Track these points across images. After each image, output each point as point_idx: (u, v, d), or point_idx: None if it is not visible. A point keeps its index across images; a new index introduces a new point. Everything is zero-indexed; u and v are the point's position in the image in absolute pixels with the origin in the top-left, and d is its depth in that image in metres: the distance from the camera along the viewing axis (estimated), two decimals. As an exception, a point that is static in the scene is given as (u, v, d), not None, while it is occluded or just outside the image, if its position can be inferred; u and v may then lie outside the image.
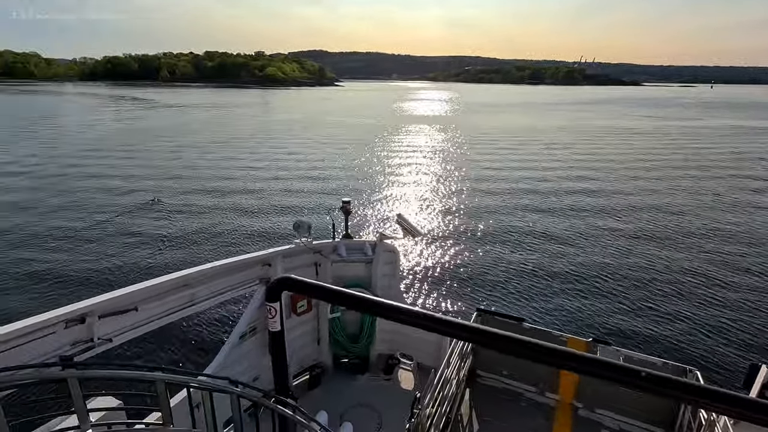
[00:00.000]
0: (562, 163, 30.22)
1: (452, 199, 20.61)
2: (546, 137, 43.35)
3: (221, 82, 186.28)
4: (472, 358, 5.98)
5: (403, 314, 2.75)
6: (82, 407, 2.67)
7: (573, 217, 18.11)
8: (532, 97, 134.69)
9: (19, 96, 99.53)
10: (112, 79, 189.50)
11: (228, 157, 31.02)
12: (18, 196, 20.44)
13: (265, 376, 5.21)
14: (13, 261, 13.09)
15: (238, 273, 5.00)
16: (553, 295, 11.66)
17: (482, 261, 13.60)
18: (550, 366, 2.46)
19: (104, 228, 16.09)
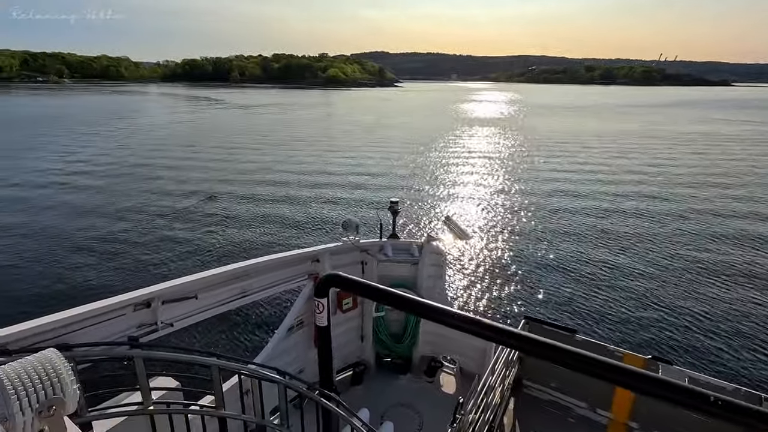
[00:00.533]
0: (630, 170, 27.67)
1: (505, 203, 19.99)
2: (615, 142, 40.23)
3: (286, 83, 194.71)
4: (518, 367, 5.83)
5: (447, 317, 2.70)
6: (145, 385, 2.88)
7: (638, 228, 16.78)
8: (602, 99, 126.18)
9: (111, 96, 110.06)
10: (190, 81, 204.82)
11: (283, 155, 31.73)
12: (99, 183, 22.48)
13: (310, 369, 5.33)
14: (92, 245, 14.37)
15: (288, 267, 5.14)
16: (610, 308, 10.99)
17: (533, 269, 13.13)
18: (605, 381, 2.26)
19: (169, 219, 17.09)
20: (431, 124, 55.37)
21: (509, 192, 22.20)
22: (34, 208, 18.21)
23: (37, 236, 14.94)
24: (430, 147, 36.72)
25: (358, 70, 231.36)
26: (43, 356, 1.48)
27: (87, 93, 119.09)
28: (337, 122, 56.14)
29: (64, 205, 18.76)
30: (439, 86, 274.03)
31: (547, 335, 4.84)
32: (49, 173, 24.66)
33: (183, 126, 49.28)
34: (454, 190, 22.24)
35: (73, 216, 17.27)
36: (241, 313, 9.68)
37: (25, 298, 10.72)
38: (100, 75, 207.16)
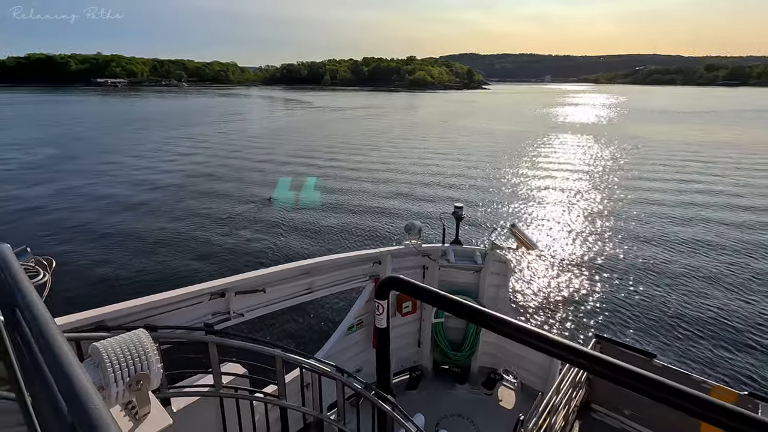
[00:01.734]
0: (747, 189, 22.90)
1: (581, 216, 18.42)
2: (739, 155, 33.77)
3: (374, 85, 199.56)
4: (586, 389, 5.51)
5: (509, 328, 2.60)
6: (217, 369, 3.08)
7: (744, 254, 14.36)
8: (731, 103, 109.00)
9: (216, 98, 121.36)
10: (287, 84, 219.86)
11: (351, 158, 31.92)
12: (189, 180, 24.05)
13: (367, 369, 5.44)
14: (178, 237, 15.49)
15: (350, 268, 5.23)
16: (700, 334, 9.88)
17: (608, 286, 12.15)
18: (691, 416, 2.00)
19: (244, 216, 17.82)
20: (510, 128, 52.09)
21: (587, 204, 20.38)
22: (134, 203, 19.85)
23: (134, 228, 16.33)
24: (503, 152, 34.82)
25: (445, 72, 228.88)
26: (134, 335, 1.63)
27: (198, 95, 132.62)
28: (406, 124, 55.43)
29: (155, 200, 20.21)
30: (529, 88, 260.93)
31: (621, 357, 4.43)
32: (151, 171, 26.78)
33: (263, 128, 51.53)
34: (523, 199, 21.02)
35: (163, 211, 18.57)
36: (305, 309, 9.91)
37: (122, 281, 11.86)
38: (211, 79, 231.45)
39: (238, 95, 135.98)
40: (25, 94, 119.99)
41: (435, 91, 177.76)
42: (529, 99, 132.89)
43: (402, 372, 6.33)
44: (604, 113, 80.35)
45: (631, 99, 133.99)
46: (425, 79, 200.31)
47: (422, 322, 6.29)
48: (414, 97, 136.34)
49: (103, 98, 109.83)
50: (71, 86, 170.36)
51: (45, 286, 10.85)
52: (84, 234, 15.52)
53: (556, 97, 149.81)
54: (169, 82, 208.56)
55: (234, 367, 3.53)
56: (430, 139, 42.15)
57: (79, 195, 20.95)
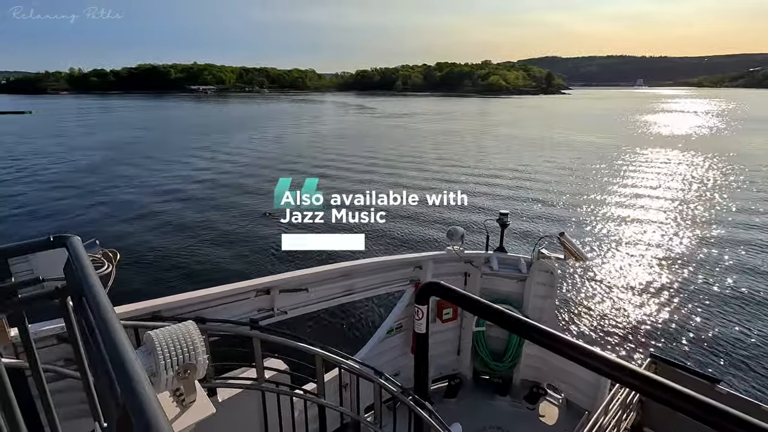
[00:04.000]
0: None
1: (639, 232, 17.33)
2: None
3: (445, 91, 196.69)
4: (638, 412, 5.26)
5: (555, 341, 2.53)
6: (260, 364, 3.18)
7: None
8: None
9: (289, 103, 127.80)
10: (360, 89, 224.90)
11: (400, 161, 32.25)
12: (242, 181, 25.26)
13: (405, 374, 5.30)
14: (228, 236, 16.29)
15: (391, 271, 5.22)
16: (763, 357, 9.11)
17: (667, 306, 11.43)
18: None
19: None
20: (577, 138, 47.53)
21: (646, 219, 19.22)
22: (192, 199, 21.31)
23: (191, 225, 17.38)
24: (550, 160, 33.55)
25: (522, 76, 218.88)
26: (183, 326, 1.69)
27: (274, 101, 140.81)
28: (463, 132, 53.43)
29: (211, 199, 21.48)
30: (617, 92, 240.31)
31: (679, 380, 4.61)
32: (212, 171, 28.41)
33: (319, 132, 52.41)
34: (575, 209, 20.16)
35: (216, 209, 19.75)
36: (345, 310, 9.91)
37: (178, 275, 12.53)
38: (290, 85, 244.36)
39: (311, 101, 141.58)
40: (134, 100, 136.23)
41: (509, 97, 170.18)
42: (614, 105, 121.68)
43: (440, 379, 6.18)
44: (702, 122, 70.00)
45: (745, 105, 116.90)
46: (498, 83, 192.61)
47: (462, 329, 6.14)
48: (484, 102, 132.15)
49: (194, 104, 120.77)
50: (170, 92, 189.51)
51: (109, 277, 13.91)
52: (148, 229, 16.69)
53: (647, 102, 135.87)
54: (252, 88, 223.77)
55: (276, 362, 3.59)
56: (472, 145, 41.68)
57: (148, 192, 22.67)
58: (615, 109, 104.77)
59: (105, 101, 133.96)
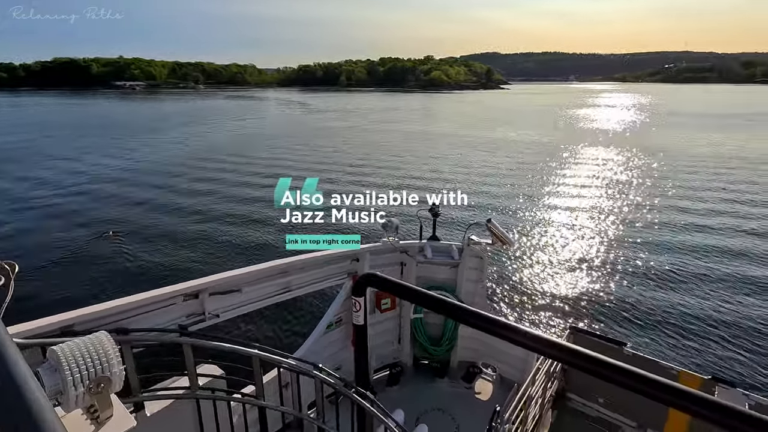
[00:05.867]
0: None
1: (557, 214, 18.97)
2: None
3: (389, 86, 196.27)
4: (561, 379, 5.75)
5: (486, 322, 2.68)
6: (192, 371, 3.02)
7: (708, 242, 15.54)
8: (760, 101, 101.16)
9: (228, 99, 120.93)
10: (303, 85, 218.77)
11: (330, 156, 32.17)
12: (161, 180, 24.16)
13: (347, 367, 5.30)
14: (150, 238, 15.21)
15: (328, 266, 5.21)
16: (668, 321, 10.50)
17: (580, 279, 12.72)
18: (656, 401, 2.17)
19: (218, 216, 17.90)
20: (502, 132, 48.60)
21: (565, 203, 21.04)
22: (104, 200, 20.07)
23: (102, 228, 16.09)
24: (474, 150, 35.72)
25: (463, 72, 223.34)
26: (95, 338, 1.59)
27: (212, 97, 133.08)
28: (393, 127, 53.33)
29: (125, 199, 20.22)
30: (551, 88, 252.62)
31: (594, 347, 4.90)
32: (121, 170, 26.85)
33: (250, 129, 49.96)
34: (500, 197, 21.53)
35: (132, 210, 18.58)
36: (283, 308, 9.66)
37: (91, 284, 11.57)
38: (228, 81, 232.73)
39: (250, 97, 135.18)
40: (49, 98, 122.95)
41: (452, 92, 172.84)
42: (548, 99, 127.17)
43: (382, 368, 6.31)
44: (624, 116, 74.76)
45: (661, 99, 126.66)
46: (441, 78, 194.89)
47: (401, 318, 6.27)
48: (425, 97, 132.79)
49: (117, 101, 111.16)
50: (92, 89, 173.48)
51: (7, 292, 12.16)
52: (55, 238, 15.27)
53: (578, 97, 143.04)
54: (187, 84, 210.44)
55: (211, 368, 3.45)
56: (408, 140, 42.25)
57: (54, 196, 21.01)
58: (550, 104, 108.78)
59: (13, 98, 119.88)
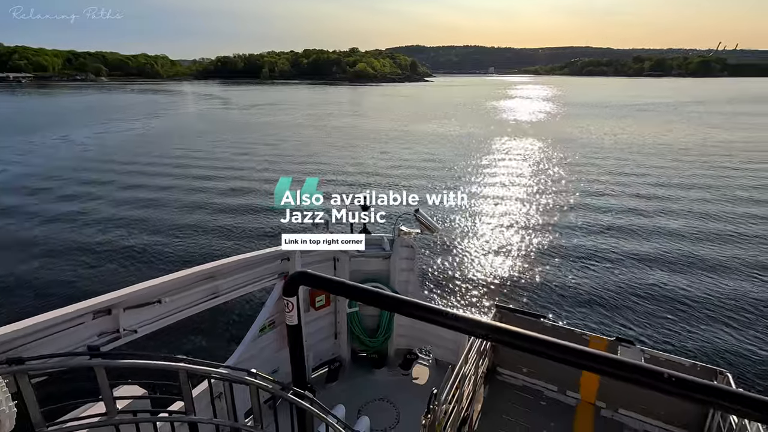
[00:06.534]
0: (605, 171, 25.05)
1: (479, 200, 20.29)
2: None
3: (315, 78, 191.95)
4: (491, 355, 6.06)
5: (420, 310, 2.78)
6: (109, 395, 2.80)
7: (603, 221, 17.42)
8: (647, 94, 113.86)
9: (135, 94, 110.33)
10: (223, 77, 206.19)
11: (249, 152, 31.27)
12: (58, 184, 22.15)
13: (284, 369, 5.19)
14: (47, 251, 13.65)
15: (257, 267, 5.06)
16: (578, 292, 11.58)
17: (503, 259, 13.56)
18: (568, 365, 2.41)
19: (129, 222, 16.64)
20: (423, 122, 49.91)
21: (479, 186, 22.65)
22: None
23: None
24: (399, 143, 36.09)
25: (388, 64, 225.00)
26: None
27: (115, 91, 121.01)
28: (317, 120, 52.46)
29: (17, 209, 18.18)
30: (472, 80, 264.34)
31: (517, 322, 5.65)
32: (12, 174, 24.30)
33: (161, 127, 46.25)
34: (425, 187, 22.06)
35: (27, 221, 16.71)
36: (212, 316, 9.22)
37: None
38: (137, 73, 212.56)
39: (162, 91, 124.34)
40: None
41: (379, 84, 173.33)
42: (470, 91, 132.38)
43: (321, 366, 6.30)
44: (536, 107, 79.63)
45: (567, 91, 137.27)
46: (367, 71, 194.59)
47: (337, 313, 6.29)
48: (352, 89, 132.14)
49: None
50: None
51: None
52: None
53: (497, 89, 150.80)
54: (86, 76, 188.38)
55: (131, 389, 3.28)
56: (335, 134, 41.47)
57: None
58: (473, 96, 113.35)
59: None
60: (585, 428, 5.33)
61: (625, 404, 5.45)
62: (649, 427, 5.30)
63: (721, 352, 9.11)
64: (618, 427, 5.36)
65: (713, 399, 2.00)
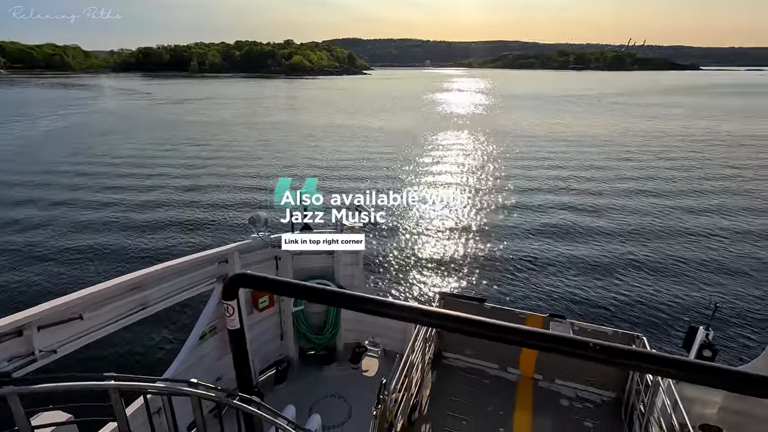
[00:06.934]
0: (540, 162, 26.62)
1: (415, 188, 20.66)
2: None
3: (249, 71, 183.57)
4: (437, 341, 6.27)
5: (367, 304, 2.80)
6: (25, 425, 2.59)
7: (530, 204, 18.52)
8: (571, 86, 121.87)
9: (44, 89, 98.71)
10: (146, 70, 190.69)
11: (178, 150, 29.97)
12: None
13: (229, 376, 5.11)
14: None
15: (193, 272, 4.86)
16: (515, 274, 12.22)
17: (446, 248, 13.66)
18: (507, 344, 2.58)
19: (42, 231, 15.11)
20: (363, 115, 49.71)
21: (420, 178, 22.93)
22: None
23: None
24: (338, 138, 35.68)
25: (326, 57, 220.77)
26: None
27: (18, 85, 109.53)
28: (251, 117, 50.30)
29: None
30: (410, 73, 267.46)
31: (460, 307, 5.88)
32: None
33: (70, 125, 41.82)
34: (364, 179, 21.98)
35: None
36: (146, 328, 8.84)
37: None
38: (44, 65, 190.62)
39: (75, 85, 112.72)
40: None
41: (316, 77, 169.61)
42: (408, 84, 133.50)
43: (269, 368, 6.19)
44: (471, 99, 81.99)
45: (499, 83, 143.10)
46: (303, 63, 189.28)
47: (282, 313, 6.20)
48: (289, 83, 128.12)
49: None
50: None
51: None
52: None
53: (433, 82, 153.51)
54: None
55: (54, 415, 3.03)
56: (272, 130, 40.16)
57: None
58: (411, 88, 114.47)
59: None
60: (525, 401, 5.71)
61: (560, 374, 5.93)
62: (581, 392, 5.85)
63: (638, 318, 10.35)
64: (555, 396, 5.82)
65: (631, 362, 2.26)
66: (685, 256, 13.47)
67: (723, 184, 21.87)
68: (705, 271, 12.59)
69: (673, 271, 12.53)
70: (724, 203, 18.69)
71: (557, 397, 5.75)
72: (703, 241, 14.70)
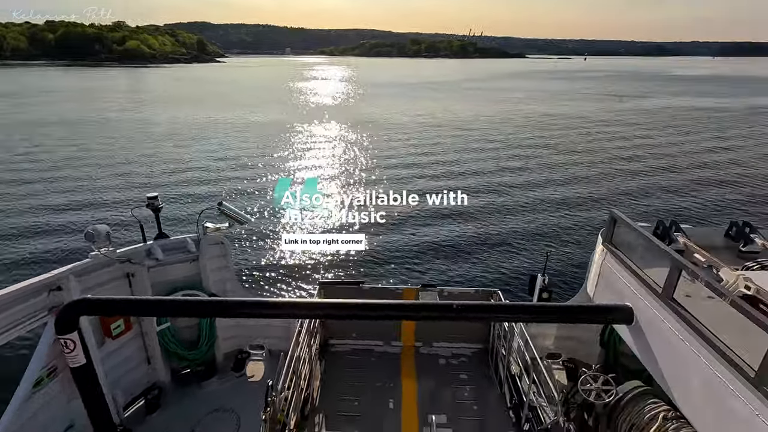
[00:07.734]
0: None
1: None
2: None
3: (70, 59, 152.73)
4: (321, 331, 6.18)
5: (244, 308, 2.73)
6: None
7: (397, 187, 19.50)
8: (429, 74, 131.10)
9: None
10: None
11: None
12: None
13: (82, 421, 4.55)
14: None
15: (14, 307, 4.08)
16: (389, 253, 13.13)
17: (319, 237, 13.05)
18: (384, 320, 2.76)
19: None
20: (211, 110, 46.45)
21: (286, 171, 22.62)
22: None
23: None
24: (192, 134, 33.35)
25: (169, 42, 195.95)
26: None
27: None
28: (94, 116, 43.06)
29: None
30: (270, 60, 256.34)
31: (340, 293, 6.09)
32: None
33: None
34: (224, 178, 20.72)
35: None
36: None
37: None
38: None
39: None
40: None
41: (159, 65, 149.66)
42: (267, 73, 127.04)
43: (135, 399, 5.56)
44: (335, 87, 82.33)
45: (361, 71, 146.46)
46: (141, 49, 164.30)
47: (145, 335, 5.59)
48: (127, 74, 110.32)
49: None
50: None
51: None
52: None
53: (295, 70, 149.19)
54: None
55: None
56: (111, 128, 35.49)
57: None
58: (274, 77, 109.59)
59: None
60: (408, 368, 6.08)
61: (436, 338, 6.50)
62: (456, 350, 6.44)
63: (495, 276, 12.10)
64: (434, 358, 6.33)
65: (488, 314, 2.46)
66: (522, 220, 16.48)
67: (549, 160, 26.19)
68: (536, 231, 15.49)
69: (514, 234, 15.14)
70: (551, 177, 22.63)
71: (436, 359, 6.29)
72: (534, 206, 18.04)
